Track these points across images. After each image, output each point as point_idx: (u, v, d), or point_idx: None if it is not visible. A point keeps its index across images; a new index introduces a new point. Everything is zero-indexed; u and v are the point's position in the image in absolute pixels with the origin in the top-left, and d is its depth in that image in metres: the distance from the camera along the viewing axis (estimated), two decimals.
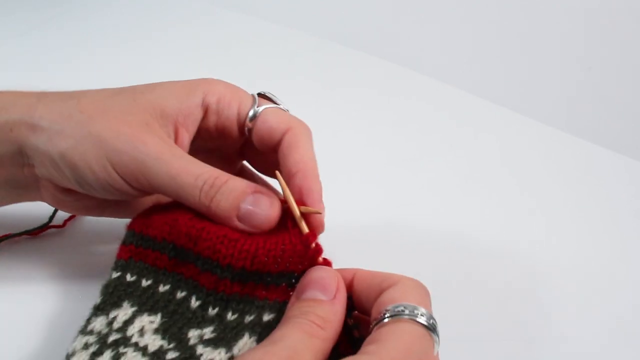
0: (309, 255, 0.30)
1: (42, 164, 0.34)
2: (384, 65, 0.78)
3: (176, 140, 0.36)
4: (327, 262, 0.31)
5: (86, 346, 0.29)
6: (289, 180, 0.34)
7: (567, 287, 0.43)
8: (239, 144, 0.40)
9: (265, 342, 0.26)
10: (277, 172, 0.34)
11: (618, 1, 0.79)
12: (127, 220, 0.35)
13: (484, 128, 0.65)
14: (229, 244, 0.31)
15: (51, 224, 0.44)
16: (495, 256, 0.46)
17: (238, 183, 0.33)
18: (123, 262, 0.33)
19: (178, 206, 0.33)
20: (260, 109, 0.37)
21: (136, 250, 0.33)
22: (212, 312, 0.31)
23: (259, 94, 0.39)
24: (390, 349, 0.25)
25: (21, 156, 0.35)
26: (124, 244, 0.34)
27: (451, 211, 0.51)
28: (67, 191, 0.36)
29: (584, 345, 0.38)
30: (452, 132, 0.64)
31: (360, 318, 0.31)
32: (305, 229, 0.31)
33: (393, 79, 0.76)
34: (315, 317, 0.27)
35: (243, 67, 0.76)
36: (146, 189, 0.34)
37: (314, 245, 0.31)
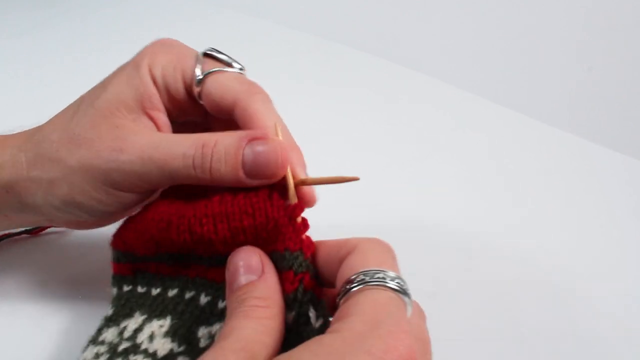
0: (294, 229, 0.28)
1: (49, 214, 0.34)
2: (384, 65, 0.78)
3: (156, 125, 0.34)
4: (309, 241, 0.28)
5: (97, 356, 0.29)
6: None
7: (567, 286, 0.43)
8: (204, 110, 0.36)
9: (217, 340, 0.25)
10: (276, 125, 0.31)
11: (618, 1, 0.79)
12: (121, 220, 0.35)
13: (484, 127, 0.65)
14: (219, 232, 0.29)
15: (51, 223, 0.44)
16: (495, 256, 0.46)
17: (227, 140, 0.30)
18: (130, 277, 0.33)
19: (152, 208, 0.32)
20: (201, 76, 0.34)
21: (135, 266, 0.33)
22: (221, 305, 0.30)
23: (205, 54, 0.36)
24: (356, 322, 0.24)
25: (24, 207, 0.34)
26: (120, 262, 0.33)
27: (451, 210, 0.51)
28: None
29: (584, 344, 0.38)
30: (452, 131, 0.64)
31: (329, 293, 0.29)
32: (294, 199, 0.29)
33: (393, 79, 0.76)
34: (255, 300, 0.26)
35: None
36: (153, 187, 0.33)
37: (299, 219, 0.28)
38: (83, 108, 0.34)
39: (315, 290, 0.28)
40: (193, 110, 0.36)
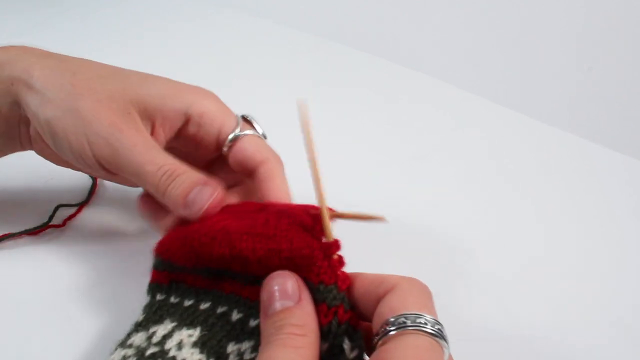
0: (329, 264, 0.29)
1: (31, 121, 0.37)
2: (384, 65, 0.78)
3: (152, 134, 0.38)
4: (345, 276, 0.29)
5: (124, 359, 0.29)
6: None
7: (567, 286, 0.43)
8: (211, 157, 0.42)
9: None
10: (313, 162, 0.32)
11: (618, 1, 0.79)
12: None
13: (484, 127, 0.65)
14: (256, 251, 0.30)
15: (51, 223, 0.44)
16: (495, 255, 0.46)
17: (192, 175, 0.35)
18: (165, 286, 0.33)
19: (201, 221, 0.34)
20: (241, 134, 0.39)
21: (173, 275, 0.33)
22: (253, 323, 0.30)
23: (243, 117, 0.40)
24: None
25: (18, 108, 0.37)
26: (157, 269, 0.34)
27: (451, 210, 0.51)
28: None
29: (583, 344, 0.38)
30: (452, 131, 0.64)
31: (365, 326, 0.29)
32: (332, 237, 0.30)
33: (393, 79, 0.76)
34: (291, 327, 0.26)
35: (243, 67, 0.76)
36: (114, 172, 0.37)
37: (336, 256, 0.29)
38: (115, 81, 0.37)
39: (351, 321, 0.28)
40: (204, 152, 0.41)
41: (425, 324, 0.25)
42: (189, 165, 0.36)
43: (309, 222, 0.30)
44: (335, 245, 0.29)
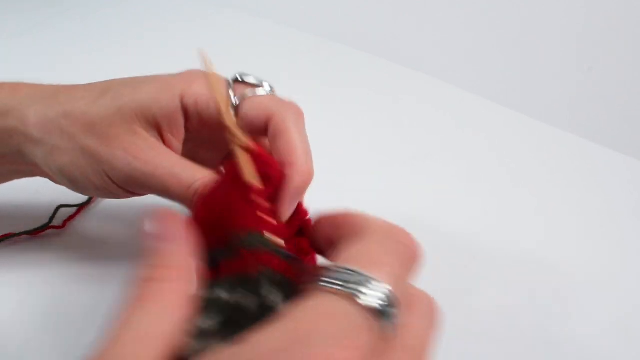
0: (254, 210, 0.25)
1: (43, 172, 0.36)
2: (384, 65, 0.78)
3: (165, 142, 0.35)
4: (281, 225, 0.25)
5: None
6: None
7: (567, 285, 0.43)
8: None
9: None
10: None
11: (618, 1, 0.79)
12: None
13: (484, 127, 0.65)
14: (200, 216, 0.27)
15: (51, 224, 0.44)
16: (495, 255, 0.46)
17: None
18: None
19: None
20: (238, 101, 0.35)
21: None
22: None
23: (235, 81, 0.37)
24: (276, 333, 0.17)
25: (23, 156, 0.36)
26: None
27: (451, 210, 0.51)
28: None
29: (584, 343, 0.38)
30: (452, 131, 0.64)
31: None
32: (251, 178, 0.27)
33: (393, 79, 0.75)
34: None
35: (243, 67, 0.75)
36: (144, 194, 0.36)
37: (265, 203, 0.26)
38: (107, 100, 0.34)
39: (287, 273, 0.24)
40: (220, 131, 0.37)
41: (359, 286, 0.18)
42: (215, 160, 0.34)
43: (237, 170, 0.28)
44: (256, 189, 0.27)
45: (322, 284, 0.19)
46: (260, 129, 0.34)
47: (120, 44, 0.81)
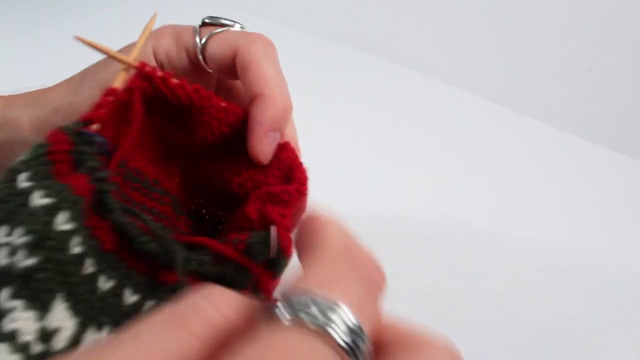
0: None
1: None
2: (384, 65, 0.78)
3: None
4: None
5: None
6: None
7: (567, 284, 0.43)
8: (215, 77, 0.37)
9: None
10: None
11: (618, 1, 0.79)
12: None
13: (484, 127, 0.65)
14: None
15: None
16: (495, 255, 0.46)
17: None
18: None
19: None
20: (203, 41, 0.33)
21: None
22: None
23: (203, 23, 0.35)
24: None
25: None
26: None
27: (451, 210, 0.51)
28: None
29: (584, 342, 0.38)
30: (452, 130, 0.64)
31: None
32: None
33: (393, 79, 0.76)
34: None
35: None
36: None
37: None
38: (88, 84, 0.35)
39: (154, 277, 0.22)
40: (203, 82, 0.35)
41: (332, 325, 0.14)
42: None
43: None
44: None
45: (285, 312, 0.15)
46: (230, 68, 0.32)
47: (120, 44, 0.81)
